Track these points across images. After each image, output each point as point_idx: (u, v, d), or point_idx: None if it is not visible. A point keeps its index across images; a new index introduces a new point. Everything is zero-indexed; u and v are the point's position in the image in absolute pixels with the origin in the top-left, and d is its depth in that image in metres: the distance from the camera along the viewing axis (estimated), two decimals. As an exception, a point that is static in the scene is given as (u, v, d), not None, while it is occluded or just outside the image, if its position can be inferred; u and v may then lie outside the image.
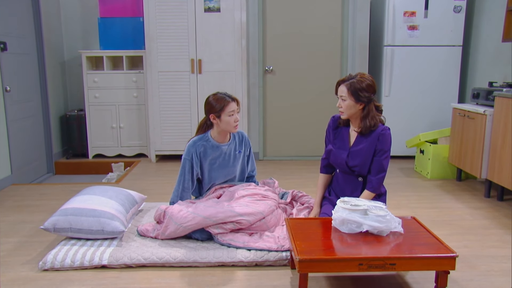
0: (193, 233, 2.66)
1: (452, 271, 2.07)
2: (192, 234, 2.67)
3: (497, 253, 2.71)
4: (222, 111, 2.82)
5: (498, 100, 3.57)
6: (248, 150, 3.14)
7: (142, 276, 2.40)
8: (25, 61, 4.64)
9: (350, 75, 2.69)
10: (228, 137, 3.00)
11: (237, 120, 2.87)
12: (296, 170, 4.80)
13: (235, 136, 3.04)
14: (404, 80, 5.03)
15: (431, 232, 2.29)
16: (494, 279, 2.38)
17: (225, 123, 2.85)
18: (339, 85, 2.70)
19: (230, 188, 2.98)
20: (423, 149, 4.58)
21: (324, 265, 2.03)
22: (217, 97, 2.88)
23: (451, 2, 4.88)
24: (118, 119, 5.30)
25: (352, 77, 2.65)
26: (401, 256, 2.04)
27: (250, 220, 2.61)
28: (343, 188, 2.83)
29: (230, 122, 2.84)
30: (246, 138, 3.11)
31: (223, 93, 2.92)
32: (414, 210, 3.46)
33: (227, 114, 2.83)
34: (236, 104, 2.88)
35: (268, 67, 5.20)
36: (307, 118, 5.27)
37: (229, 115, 2.83)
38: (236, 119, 2.86)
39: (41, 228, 2.70)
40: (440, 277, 2.11)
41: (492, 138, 3.65)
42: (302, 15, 5.12)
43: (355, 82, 2.62)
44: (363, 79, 2.63)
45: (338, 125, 2.84)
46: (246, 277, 2.38)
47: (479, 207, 3.57)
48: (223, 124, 2.85)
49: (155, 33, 4.92)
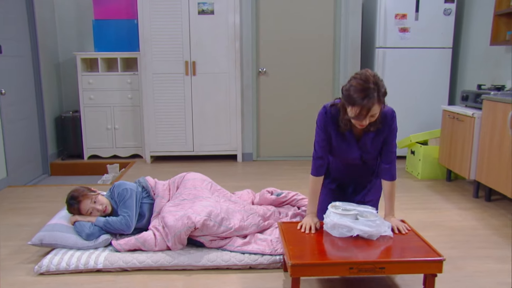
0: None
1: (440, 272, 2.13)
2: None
3: (483, 254, 2.77)
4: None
5: (486, 103, 3.63)
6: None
7: (138, 279, 2.44)
8: (20, 63, 4.65)
9: (363, 85, 2.13)
10: None
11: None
12: (289, 170, 4.85)
13: None
14: (396, 82, 5.09)
15: (419, 236, 2.35)
16: (479, 280, 2.44)
17: None
18: (369, 107, 2.15)
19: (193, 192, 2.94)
20: (414, 150, 4.64)
21: (316, 269, 2.07)
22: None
23: (442, 5, 4.93)
24: (113, 120, 5.32)
25: (370, 87, 2.13)
26: (390, 260, 2.09)
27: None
28: (353, 177, 2.65)
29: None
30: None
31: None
32: (405, 212, 3.51)
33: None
34: None
35: (262, 69, 5.24)
36: (300, 119, 5.32)
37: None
38: None
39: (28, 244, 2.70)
40: (428, 279, 2.16)
41: (480, 140, 3.72)
42: (295, 17, 5.16)
43: (379, 89, 2.16)
44: (377, 80, 2.18)
45: (339, 129, 2.43)
46: (240, 280, 2.42)
47: (468, 207, 3.64)
48: None
49: (149, 35, 4.94)
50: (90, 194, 2.80)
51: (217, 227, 2.61)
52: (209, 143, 5.21)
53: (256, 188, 4.08)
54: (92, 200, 2.78)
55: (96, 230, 2.69)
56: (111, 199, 2.87)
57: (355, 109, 2.17)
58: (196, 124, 5.15)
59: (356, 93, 2.14)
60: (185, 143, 5.19)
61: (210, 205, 2.71)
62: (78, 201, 2.77)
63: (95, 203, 2.78)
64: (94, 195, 2.80)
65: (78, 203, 2.77)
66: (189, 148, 5.20)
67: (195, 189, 2.91)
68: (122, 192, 2.80)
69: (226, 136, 5.21)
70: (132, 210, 2.76)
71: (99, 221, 2.72)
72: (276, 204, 3.14)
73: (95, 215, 2.79)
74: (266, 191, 3.20)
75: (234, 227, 2.66)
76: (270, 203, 3.12)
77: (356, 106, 2.16)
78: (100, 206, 2.78)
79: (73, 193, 2.79)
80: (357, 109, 2.16)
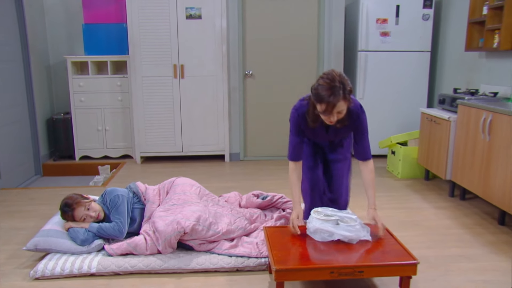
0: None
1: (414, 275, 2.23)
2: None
3: (456, 253, 2.88)
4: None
5: (460, 108, 3.74)
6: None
7: (130, 283, 2.50)
8: (11, 67, 4.65)
9: (330, 84, 2.24)
10: None
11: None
12: (275, 170, 4.92)
13: None
14: (377, 84, 5.18)
15: (396, 239, 2.44)
16: (451, 279, 2.55)
17: None
18: (334, 104, 2.26)
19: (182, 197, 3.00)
20: (394, 151, 4.75)
21: (299, 274, 2.16)
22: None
23: (420, 11, 5.03)
24: (103, 122, 5.34)
25: (336, 85, 2.24)
26: (368, 264, 2.18)
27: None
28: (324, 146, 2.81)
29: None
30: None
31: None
32: (385, 212, 3.62)
33: None
34: None
35: (248, 72, 5.29)
36: (285, 120, 5.38)
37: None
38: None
39: (24, 249, 2.74)
40: (404, 281, 2.26)
41: (455, 142, 3.83)
42: (280, 21, 5.21)
43: (345, 87, 2.26)
44: (343, 79, 2.28)
45: (308, 125, 2.57)
46: (228, 282, 2.50)
47: (443, 206, 3.76)
48: None
49: (138, 39, 4.96)
50: (84, 201, 2.84)
51: (206, 231, 2.68)
52: (197, 143, 5.26)
53: (243, 188, 4.18)
54: (85, 207, 2.82)
55: (90, 236, 2.75)
56: (103, 205, 2.91)
57: (322, 105, 2.30)
58: (185, 125, 5.19)
59: (323, 91, 2.26)
60: (174, 143, 5.24)
61: (199, 210, 2.77)
62: (72, 208, 2.81)
63: (88, 210, 2.82)
64: (87, 202, 2.85)
65: (72, 210, 2.81)
66: (178, 148, 5.25)
67: (184, 194, 2.97)
68: (114, 199, 2.85)
69: (214, 137, 5.26)
70: (124, 216, 2.81)
71: (93, 227, 2.77)
72: (262, 207, 3.21)
73: (88, 221, 2.83)
74: (252, 195, 3.27)
75: (222, 231, 2.73)
76: (256, 206, 3.19)
77: (323, 103, 2.28)
78: (93, 213, 2.83)
79: (67, 201, 2.83)
80: (324, 105, 2.29)
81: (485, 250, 2.92)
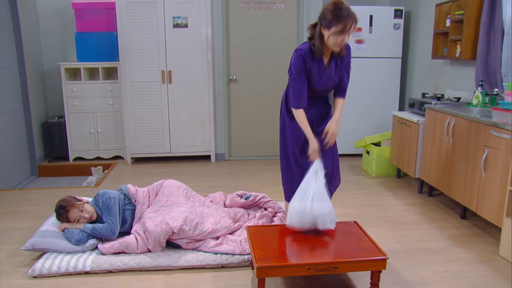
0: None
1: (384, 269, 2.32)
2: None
3: (422, 246, 3.00)
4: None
5: (428, 112, 3.85)
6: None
7: (123, 280, 2.55)
8: (7, 74, 4.63)
9: (340, 5, 2.36)
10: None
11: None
12: (258, 170, 4.99)
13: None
14: (353, 88, 5.26)
15: (368, 236, 2.53)
16: (418, 271, 2.65)
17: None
18: (353, 21, 2.35)
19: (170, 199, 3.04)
20: (369, 150, 4.85)
21: (279, 270, 2.23)
22: None
23: (391, 20, 5.13)
24: (95, 125, 5.35)
25: (348, 7, 2.36)
26: (341, 261, 2.26)
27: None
28: (315, 110, 2.79)
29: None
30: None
31: None
32: (359, 208, 3.72)
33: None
34: None
35: (232, 77, 5.35)
36: (267, 122, 5.47)
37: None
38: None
39: (22, 249, 2.77)
40: (374, 275, 2.35)
41: (424, 144, 3.94)
42: (262, 29, 5.27)
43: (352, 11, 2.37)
44: (344, 5, 2.38)
45: (313, 56, 2.57)
46: (213, 278, 2.57)
47: (413, 203, 3.87)
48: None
49: (128, 47, 4.98)
50: (77, 203, 2.88)
51: (193, 231, 2.74)
52: (185, 145, 5.30)
53: (228, 187, 4.25)
54: (79, 209, 2.86)
55: (84, 236, 2.79)
56: (96, 207, 2.95)
57: (340, 25, 2.35)
58: (173, 128, 5.23)
59: (340, 10, 2.34)
60: (163, 145, 5.27)
61: (186, 211, 2.83)
62: (66, 210, 2.85)
63: (82, 212, 2.86)
64: (81, 204, 2.88)
65: (67, 212, 2.85)
66: (167, 149, 5.29)
67: (172, 196, 3.02)
68: (106, 201, 2.89)
69: (200, 138, 5.31)
70: (116, 217, 2.86)
71: (87, 228, 2.81)
72: (245, 206, 3.28)
73: (82, 222, 2.87)
74: (236, 195, 3.34)
75: (207, 230, 2.80)
76: (240, 206, 3.26)
77: (340, 23, 2.34)
78: (87, 214, 2.86)
79: (62, 203, 2.87)
80: (341, 25, 2.34)
81: (448, 243, 3.04)
